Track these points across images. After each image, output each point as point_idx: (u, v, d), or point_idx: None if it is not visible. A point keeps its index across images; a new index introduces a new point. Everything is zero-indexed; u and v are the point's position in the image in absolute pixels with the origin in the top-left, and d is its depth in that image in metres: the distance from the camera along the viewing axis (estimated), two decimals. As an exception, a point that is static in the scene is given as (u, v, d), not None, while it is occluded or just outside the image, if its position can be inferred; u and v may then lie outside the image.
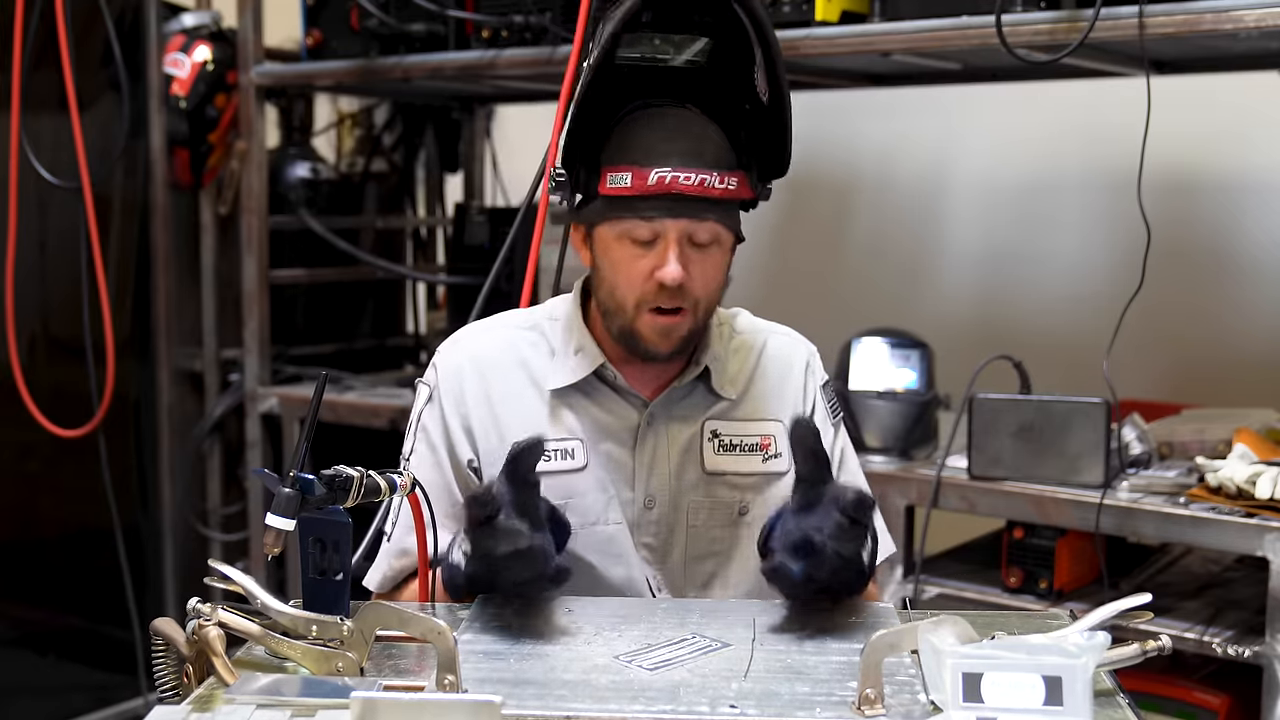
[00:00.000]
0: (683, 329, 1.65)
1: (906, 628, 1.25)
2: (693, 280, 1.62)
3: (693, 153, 1.60)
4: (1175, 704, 2.42)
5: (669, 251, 1.60)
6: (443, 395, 1.75)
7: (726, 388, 1.75)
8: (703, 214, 1.60)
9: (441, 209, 4.18)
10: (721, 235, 1.64)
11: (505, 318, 1.83)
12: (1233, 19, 2.20)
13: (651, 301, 1.63)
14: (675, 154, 1.59)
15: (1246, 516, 2.23)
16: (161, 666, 1.40)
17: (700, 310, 1.66)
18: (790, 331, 1.86)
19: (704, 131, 1.62)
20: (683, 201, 1.59)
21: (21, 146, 3.20)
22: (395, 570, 1.76)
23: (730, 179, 1.61)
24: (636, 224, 1.61)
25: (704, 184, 1.59)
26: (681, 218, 1.59)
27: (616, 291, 1.65)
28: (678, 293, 1.62)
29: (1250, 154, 3.30)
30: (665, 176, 1.58)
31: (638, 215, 1.60)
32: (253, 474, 3.57)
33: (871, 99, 3.55)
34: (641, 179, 1.59)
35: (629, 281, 1.63)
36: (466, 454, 1.74)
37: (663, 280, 1.60)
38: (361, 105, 4.08)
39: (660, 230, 1.60)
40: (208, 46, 3.45)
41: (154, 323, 3.60)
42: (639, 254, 1.62)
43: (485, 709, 1.13)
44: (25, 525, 3.45)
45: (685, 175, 1.58)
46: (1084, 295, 3.41)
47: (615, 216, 1.62)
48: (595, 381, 1.73)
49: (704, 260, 1.63)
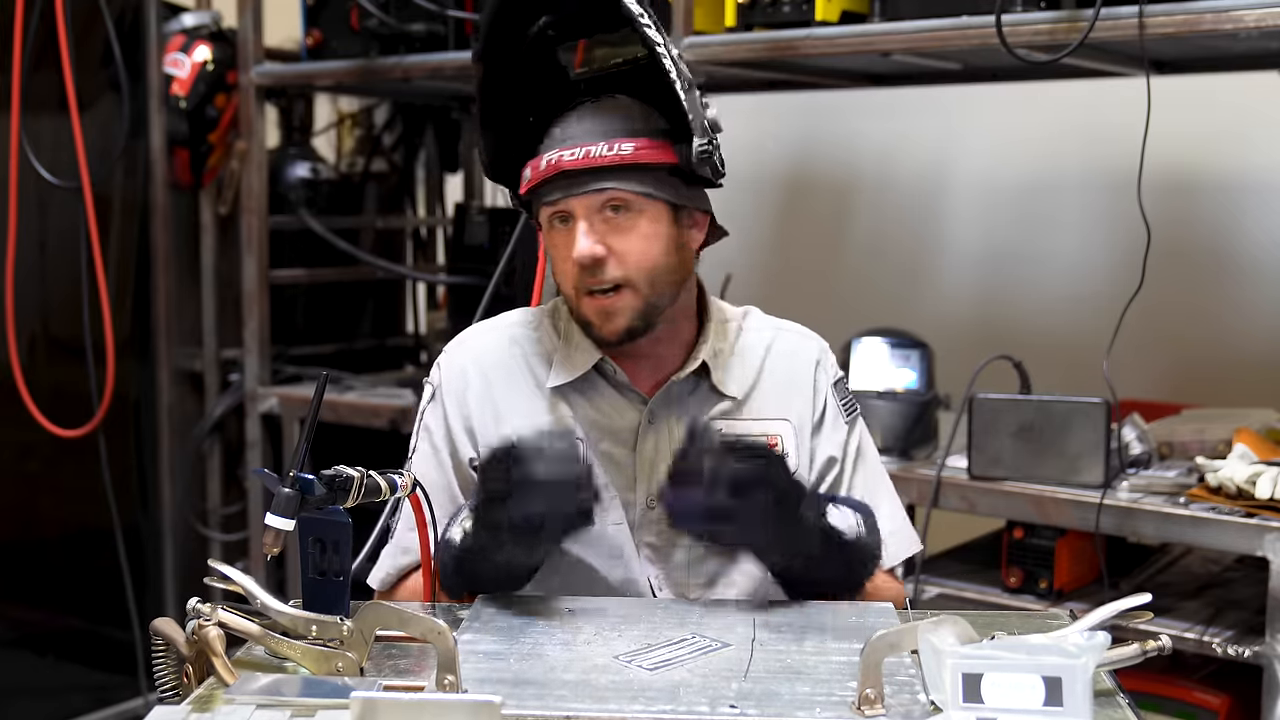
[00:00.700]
0: (624, 307, 1.64)
1: (906, 628, 1.25)
2: (617, 255, 1.62)
3: (587, 131, 1.63)
4: (1175, 704, 2.42)
5: (575, 230, 1.62)
6: (445, 395, 1.75)
7: (730, 387, 1.73)
8: (596, 184, 1.61)
9: (441, 209, 4.18)
10: (632, 202, 1.62)
11: (509, 316, 1.84)
12: (1233, 19, 2.20)
13: (580, 283, 1.64)
14: (570, 137, 1.63)
15: (1246, 516, 2.23)
16: (161, 666, 1.41)
17: (643, 284, 1.64)
18: (802, 329, 1.84)
19: (611, 111, 1.65)
20: (574, 177, 1.61)
21: (21, 146, 3.20)
22: (397, 568, 1.76)
23: (624, 144, 1.61)
24: (545, 210, 1.66)
25: (588, 155, 1.60)
26: (575, 192, 1.61)
27: (559, 281, 1.69)
28: (599, 268, 1.62)
29: (1250, 154, 3.30)
30: (554, 158, 1.62)
31: (543, 201, 1.65)
32: (253, 474, 3.57)
33: (871, 99, 3.55)
34: (535, 167, 1.64)
35: (562, 269, 1.67)
36: (468, 452, 1.74)
37: (575, 258, 1.62)
38: (361, 105, 4.08)
39: (568, 210, 1.63)
40: (208, 46, 3.44)
41: (154, 323, 3.60)
42: (564, 240, 1.65)
43: (485, 709, 1.13)
44: (25, 525, 3.45)
45: (570, 152, 1.61)
46: (1084, 295, 3.41)
47: (536, 210, 1.68)
48: (595, 378, 1.72)
49: (625, 233, 1.62)
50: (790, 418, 1.75)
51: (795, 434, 1.74)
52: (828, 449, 1.76)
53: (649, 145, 1.62)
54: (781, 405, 1.75)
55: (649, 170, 1.63)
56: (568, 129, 1.64)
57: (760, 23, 2.62)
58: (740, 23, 2.64)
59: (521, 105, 1.72)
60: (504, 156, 1.73)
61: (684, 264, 1.69)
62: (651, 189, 1.63)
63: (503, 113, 1.71)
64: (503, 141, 1.73)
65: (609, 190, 1.61)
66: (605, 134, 1.62)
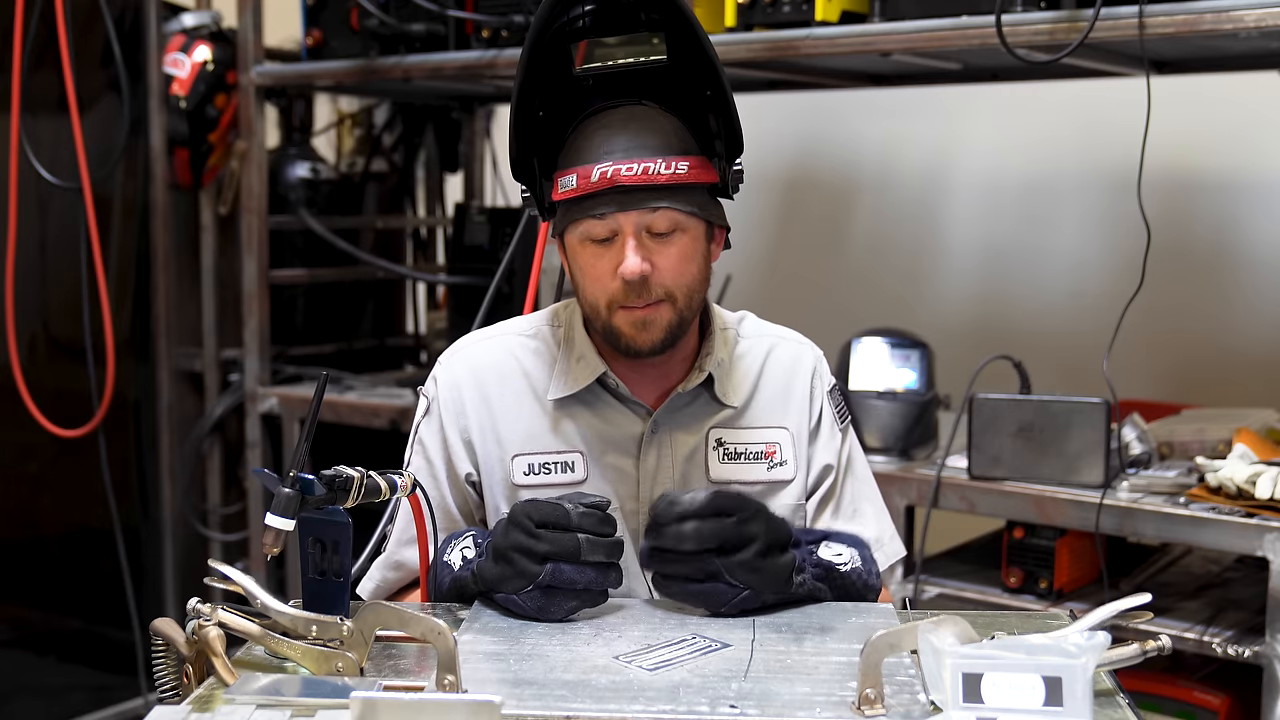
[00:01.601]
0: (661, 319, 1.62)
1: (906, 628, 1.25)
2: (659, 271, 1.60)
3: (637, 145, 1.58)
4: (1175, 704, 2.42)
5: (626, 246, 1.58)
6: (442, 408, 1.74)
7: (730, 395, 1.73)
8: (653, 202, 1.58)
9: (441, 209, 4.18)
10: (682, 221, 1.60)
11: (507, 325, 1.81)
12: (1233, 19, 2.20)
13: (621, 300, 1.61)
14: (619, 149, 1.58)
15: (1246, 516, 2.23)
16: (161, 666, 1.40)
17: (680, 301, 1.62)
18: (797, 336, 1.83)
19: (653, 124, 1.60)
20: (630, 193, 1.57)
21: (21, 146, 3.20)
22: (388, 583, 1.76)
23: (679, 163, 1.58)
24: (591, 224, 1.60)
25: (648, 171, 1.56)
26: (631, 209, 1.57)
27: (589, 294, 1.64)
28: (643, 287, 1.59)
29: (1250, 154, 3.30)
30: (608, 170, 1.56)
31: (589, 215, 1.59)
32: (253, 474, 3.57)
33: (871, 99, 3.55)
34: (585, 178, 1.57)
35: (597, 282, 1.62)
36: (465, 468, 1.73)
37: (624, 276, 1.58)
38: (361, 105, 4.08)
39: (615, 226, 1.59)
40: (208, 46, 3.44)
41: (154, 323, 3.60)
42: (601, 253, 1.61)
43: (485, 709, 1.13)
44: (25, 525, 3.45)
45: (628, 166, 1.56)
46: (1084, 295, 3.41)
47: (572, 220, 1.62)
48: (598, 390, 1.71)
49: (669, 249, 1.60)
50: (788, 425, 1.75)
51: (793, 442, 1.74)
52: (824, 457, 1.77)
53: (699, 165, 1.60)
54: (780, 414, 1.75)
55: (696, 190, 1.61)
56: (612, 139, 1.58)
57: (760, 23, 2.62)
58: (740, 23, 2.64)
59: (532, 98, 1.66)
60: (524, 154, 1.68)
61: (709, 279, 1.69)
62: (698, 209, 1.61)
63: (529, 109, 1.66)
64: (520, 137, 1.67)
65: (663, 209, 1.58)
66: (657, 149, 1.58)
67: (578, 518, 1.49)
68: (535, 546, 1.47)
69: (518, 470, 1.70)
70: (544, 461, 1.70)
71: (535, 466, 1.70)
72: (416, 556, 1.64)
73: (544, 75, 1.65)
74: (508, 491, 1.70)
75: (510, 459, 1.70)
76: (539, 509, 1.50)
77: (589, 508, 1.50)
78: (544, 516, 1.49)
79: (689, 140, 1.61)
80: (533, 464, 1.70)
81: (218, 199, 3.58)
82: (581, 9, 1.62)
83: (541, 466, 1.70)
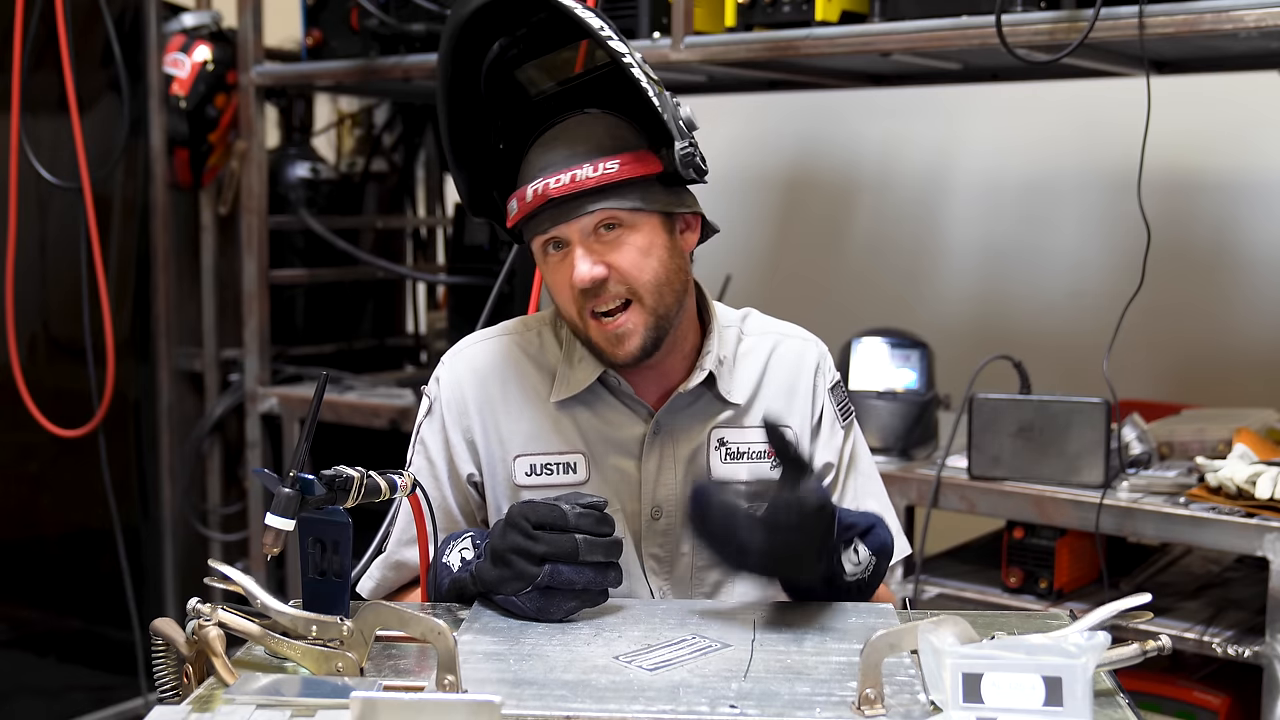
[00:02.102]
0: (634, 327, 1.62)
1: (906, 628, 1.25)
2: (616, 271, 1.60)
3: (567, 155, 1.60)
4: (1175, 704, 2.42)
5: (572, 255, 1.61)
6: (444, 408, 1.73)
7: (734, 393, 1.72)
8: (588, 206, 1.59)
9: (441, 209, 4.18)
10: (624, 218, 1.60)
11: (509, 325, 1.81)
12: (1233, 19, 2.20)
13: (587, 306, 1.62)
14: (552, 163, 1.60)
15: (1246, 516, 2.23)
16: (161, 666, 1.40)
17: (647, 299, 1.62)
18: (802, 332, 1.83)
19: (586, 130, 1.62)
20: (563, 204, 1.59)
21: (21, 146, 3.20)
22: (387, 582, 1.76)
23: (607, 163, 1.58)
24: (539, 240, 1.64)
25: (575, 179, 1.58)
26: (567, 219, 1.60)
27: (562, 307, 1.67)
28: (601, 288, 1.60)
29: (1250, 154, 3.30)
30: (539, 187, 1.59)
31: (535, 233, 1.63)
32: (253, 474, 3.57)
33: (871, 99, 3.55)
34: (522, 199, 1.62)
35: (562, 296, 1.65)
36: (467, 468, 1.73)
37: (577, 284, 1.60)
38: (361, 105, 4.09)
39: (562, 236, 1.61)
40: (208, 46, 3.45)
41: (154, 323, 3.60)
42: (559, 266, 1.63)
43: (485, 709, 1.13)
44: (25, 525, 3.45)
45: (555, 179, 1.58)
46: (1084, 295, 3.41)
47: (529, 239, 1.66)
48: (599, 389, 1.71)
49: (620, 249, 1.60)
50: (792, 423, 1.74)
51: (797, 439, 1.73)
52: (825, 454, 1.76)
53: (632, 159, 1.60)
54: (784, 411, 1.74)
55: (636, 184, 1.60)
56: (546, 155, 1.61)
57: (760, 23, 2.62)
58: (740, 23, 2.64)
59: (488, 135, 1.71)
60: (481, 190, 1.72)
61: (682, 269, 1.67)
62: (641, 203, 1.61)
63: (472, 146, 1.70)
64: (477, 176, 1.71)
65: (600, 210, 1.59)
66: (587, 154, 1.59)
67: (575, 518, 1.49)
68: (533, 548, 1.47)
69: (520, 471, 1.70)
70: (546, 462, 1.70)
71: (537, 467, 1.69)
72: (416, 556, 1.65)
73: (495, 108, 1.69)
74: (510, 492, 1.70)
75: (512, 460, 1.70)
76: (536, 510, 1.50)
77: (586, 508, 1.50)
78: (541, 518, 1.49)
79: (626, 138, 1.62)
80: (535, 465, 1.70)
81: (218, 199, 3.59)
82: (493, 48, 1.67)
83: (543, 467, 1.69)
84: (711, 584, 1.72)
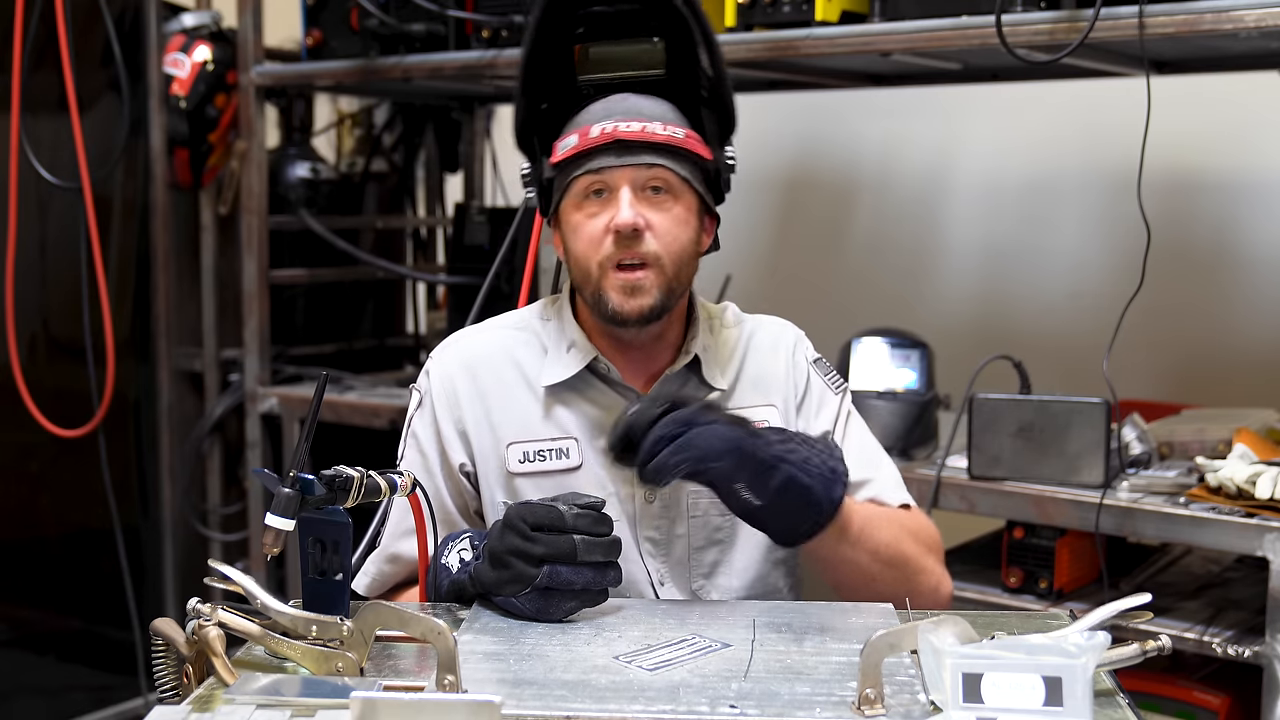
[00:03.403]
0: (648, 285, 1.64)
1: (906, 628, 1.25)
2: (652, 230, 1.63)
3: (638, 110, 1.65)
4: (1175, 704, 2.42)
5: (619, 198, 1.63)
6: (435, 400, 1.75)
7: (718, 379, 1.76)
8: (649, 159, 1.63)
9: (441, 209, 4.18)
10: (676, 185, 1.65)
11: (497, 320, 1.84)
12: (1233, 19, 2.20)
13: (614, 256, 1.63)
14: (619, 111, 1.65)
15: (1246, 516, 2.23)
16: (161, 666, 1.40)
17: (668, 268, 1.65)
18: (777, 320, 1.87)
19: (655, 100, 1.68)
20: (629, 147, 1.62)
21: (21, 146, 3.20)
22: (384, 575, 1.76)
23: (677, 129, 1.65)
24: (586, 180, 1.64)
25: (645, 130, 1.63)
26: (627, 164, 1.63)
27: (580, 258, 1.67)
28: (636, 242, 1.62)
29: (1250, 154, 3.30)
30: (608, 126, 1.63)
31: (586, 170, 1.64)
32: (253, 474, 3.57)
33: (871, 99, 3.55)
34: (584, 134, 1.64)
35: (590, 241, 1.65)
36: (459, 458, 1.74)
37: (618, 227, 1.62)
38: (361, 105, 4.08)
39: (611, 182, 1.63)
40: (208, 46, 3.44)
41: (154, 323, 3.60)
42: (595, 211, 1.65)
43: (485, 709, 1.13)
44: (25, 525, 3.45)
45: (627, 124, 1.63)
46: (1084, 295, 3.41)
47: (569, 181, 1.66)
48: (589, 377, 1.73)
49: (663, 211, 1.65)
50: (775, 402, 1.77)
51: (783, 416, 1.77)
52: (822, 423, 1.79)
53: (694, 138, 1.67)
54: (765, 391, 1.78)
55: (692, 160, 1.67)
56: (613, 105, 1.65)
57: (760, 23, 2.62)
58: (740, 23, 2.64)
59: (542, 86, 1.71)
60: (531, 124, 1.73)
61: (695, 258, 1.72)
62: (691, 176, 1.67)
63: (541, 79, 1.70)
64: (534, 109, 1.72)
65: (659, 167, 1.63)
66: (657, 115, 1.65)
67: (572, 519, 1.49)
68: (531, 549, 1.47)
69: (513, 458, 1.71)
70: (539, 449, 1.71)
71: (530, 454, 1.71)
72: (413, 549, 1.65)
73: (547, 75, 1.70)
74: (503, 480, 1.72)
75: (505, 447, 1.72)
76: (533, 511, 1.50)
77: (584, 508, 1.50)
78: (539, 519, 1.49)
79: (682, 118, 1.68)
80: (527, 452, 1.71)
81: (218, 199, 3.58)
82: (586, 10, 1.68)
83: (536, 454, 1.71)
84: (709, 564, 1.74)
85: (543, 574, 1.46)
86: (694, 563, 1.73)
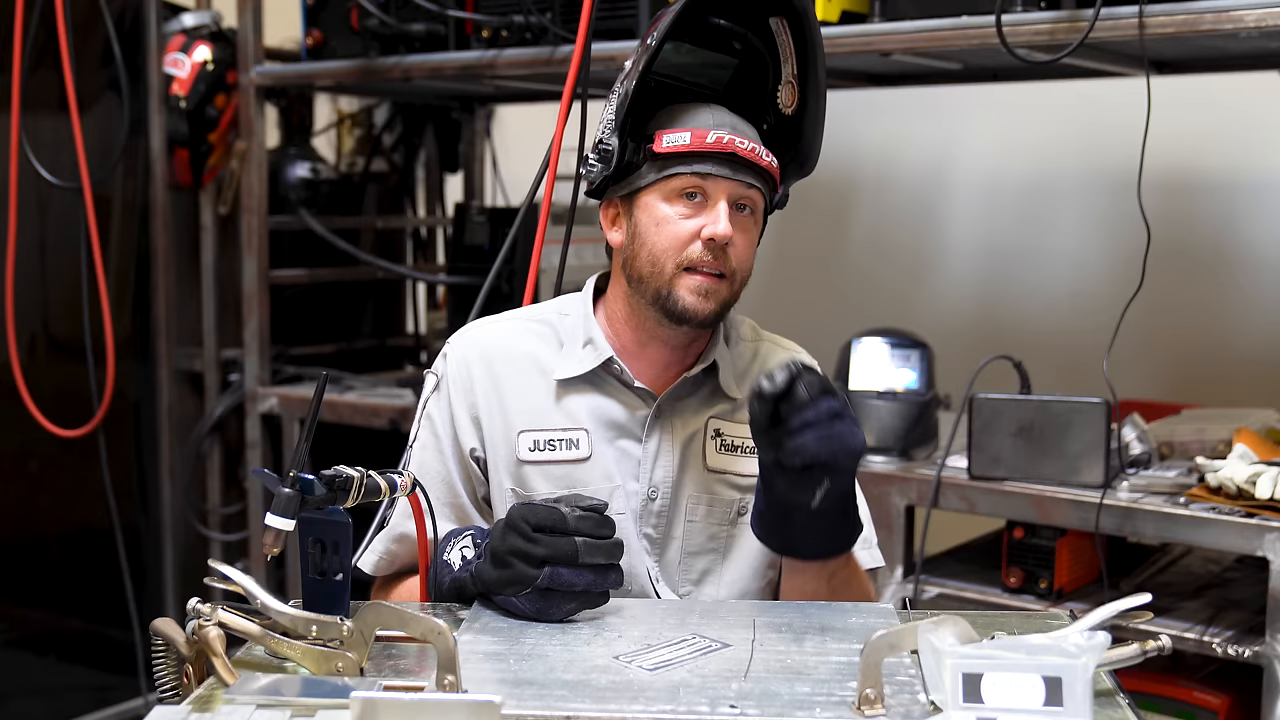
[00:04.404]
0: (722, 293, 1.68)
1: (906, 628, 1.25)
2: (735, 246, 1.67)
3: (742, 127, 1.69)
4: (1175, 704, 2.42)
5: (718, 208, 1.65)
6: (450, 384, 1.76)
7: (733, 388, 1.77)
8: (751, 179, 1.67)
9: (441, 209, 4.18)
10: (758, 208, 1.71)
11: (515, 311, 1.85)
12: (1233, 19, 2.20)
13: (696, 262, 1.66)
14: (726, 124, 1.67)
15: (1246, 516, 2.23)
16: (161, 666, 1.40)
17: (736, 283, 1.70)
18: (790, 344, 1.90)
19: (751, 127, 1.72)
20: (737, 163, 1.66)
21: (21, 146, 3.20)
22: (391, 555, 1.76)
23: (771, 158, 1.70)
24: (691, 179, 1.66)
25: (755, 152, 1.67)
26: (735, 179, 1.66)
27: (658, 253, 1.67)
28: (723, 254, 1.66)
29: (1250, 154, 3.30)
30: (724, 137, 1.65)
31: (693, 171, 1.65)
32: (253, 474, 3.56)
33: (871, 99, 3.55)
34: (700, 137, 1.65)
35: (674, 241, 1.66)
36: (471, 443, 1.74)
37: (714, 235, 1.64)
38: (361, 105, 4.08)
39: (710, 190, 1.66)
40: (208, 46, 3.45)
41: (154, 323, 3.60)
42: (687, 213, 1.66)
43: (485, 709, 1.13)
44: (25, 525, 3.45)
45: (741, 140, 1.66)
46: (1084, 295, 3.41)
47: (668, 174, 1.66)
48: (603, 375, 1.74)
49: (743, 232, 1.69)
50: None
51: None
52: None
53: (777, 169, 1.73)
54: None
55: (771, 187, 1.73)
56: (719, 115, 1.68)
57: (760, 23, 2.62)
58: (740, 23, 2.63)
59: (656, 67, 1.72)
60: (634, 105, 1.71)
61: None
62: (768, 203, 1.74)
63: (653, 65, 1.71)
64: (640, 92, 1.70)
65: (755, 189, 1.69)
66: (755, 139, 1.69)
67: (575, 521, 1.49)
68: (533, 550, 1.47)
69: (523, 446, 1.72)
70: (549, 438, 1.72)
71: (540, 443, 1.72)
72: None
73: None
74: (513, 468, 1.72)
75: (516, 435, 1.72)
76: (535, 512, 1.50)
77: (586, 510, 1.50)
78: (541, 520, 1.49)
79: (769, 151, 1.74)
80: (538, 440, 1.72)
81: (218, 199, 3.58)
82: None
83: (546, 443, 1.72)
84: (699, 571, 1.74)
85: (544, 575, 1.46)
86: (684, 567, 1.74)
